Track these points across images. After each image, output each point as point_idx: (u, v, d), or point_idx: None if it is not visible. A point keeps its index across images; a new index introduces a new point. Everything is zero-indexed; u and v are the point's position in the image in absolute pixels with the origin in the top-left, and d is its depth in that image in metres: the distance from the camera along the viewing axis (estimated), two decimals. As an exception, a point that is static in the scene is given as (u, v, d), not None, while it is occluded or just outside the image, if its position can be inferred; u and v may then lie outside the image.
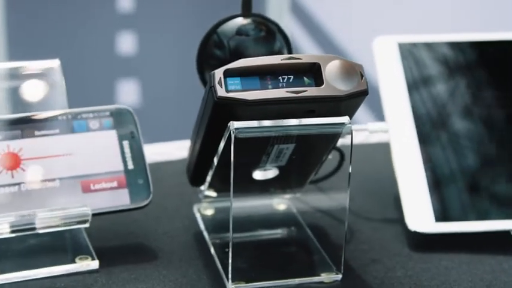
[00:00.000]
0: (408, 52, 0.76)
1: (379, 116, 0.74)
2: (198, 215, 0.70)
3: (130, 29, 2.03)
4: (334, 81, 0.55)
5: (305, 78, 0.56)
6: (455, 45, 0.76)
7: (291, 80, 0.55)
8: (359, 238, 0.67)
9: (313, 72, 0.56)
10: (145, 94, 2.04)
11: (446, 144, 0.70)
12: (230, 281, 0.59)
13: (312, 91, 0.55)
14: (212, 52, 0.66)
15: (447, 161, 0.70)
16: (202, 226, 0.68)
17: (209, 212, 0.70)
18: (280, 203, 0.71)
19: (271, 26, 0.66)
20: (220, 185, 0.65)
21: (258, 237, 0.66)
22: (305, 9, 2.04)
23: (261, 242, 0.66)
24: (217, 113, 0.55)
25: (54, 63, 0.68)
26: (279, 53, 0.66)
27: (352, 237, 0.67)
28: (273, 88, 0.55)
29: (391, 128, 0.71)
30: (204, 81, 0.68)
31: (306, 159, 0.63)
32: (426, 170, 0.68)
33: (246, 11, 0.66)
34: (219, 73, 0.55)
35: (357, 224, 0.68)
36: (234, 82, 0.55)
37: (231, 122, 0.56)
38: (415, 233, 0.65)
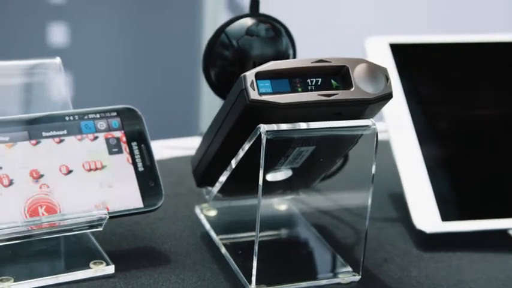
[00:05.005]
0: (400, 52, 0.77)
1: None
2: (201, 216, 0.69)
3: (62, 20, 1.99)
4: (362, 84, 0.56)
5: (332, 81, 0.56)
6: (447, 46, 0.77)
7: (319, 83, 0.55)
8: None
9: (341, 75, 0.56)
10: (77, 87, 2.00)
11: (446, 142, 0.72)
12: (254, 284, 0.58)
13: (342, 94, 0.55)
14: (219, 52, 0.65)
15: (448, 159, 0.71)
16: (208, 227, 0.67)
17: (212, 213, 0.69)
18: (280, 204, 0.71)
19: (277, 26, 0.66)
20: (231, 187, 0.64)
21: (268, 238, 0.66)
22: (242, 6, 2.03)
23: (273, 243, 0.65)
24: (247, 115, 0.55)
25: (55, 61, 0.66)
26: (286, 53, 0.66)
27: (359, 237, 0.67)
28: (302, 91, 0.55)
29: (391, 129, 0.72)
30: (209, 79, 0.67)
31: (321, 162, 0.63)
32: (428, 170, 0.69)
33: (255, 11, 0.66)
34: (250, 76, 0.54)
35: (361, 223, 0.69)
36: (265, 85, 0.54)
37: (260, 124, 0.55)
38: (420, 232, 0.67)
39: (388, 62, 0.76)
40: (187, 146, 0.84)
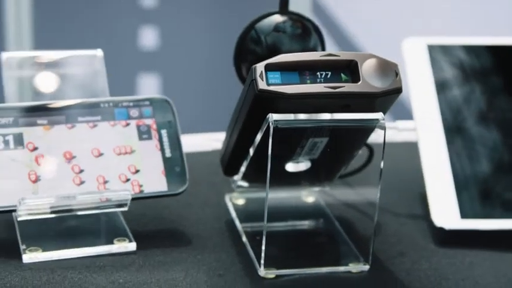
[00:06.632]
0: (437, 54, 0.78)
1: (405, 115, 0.77)
2: (229, 204, 0.72)
3: (153, 23, 2.06)
4: (370, 79, 0.58)
5: (342, 75, 0.58)
6: (484, 48, 0.78)
7: (328, 76, 0.58)
8: (386, 232, 0.69)
9: (350, 69, 0.58)
10: (166, 88, 2.07)
11: (473, 143, 0.73)
12: (262, 266, 0.61)
13: (348, 87, 0.57)
14: (249, 47, 0.68)
15: (474, 159, 0.72)
16: (234, 214, 0.70)
17: (240, 201, 0.72)
18: (308, 196, 0.73)
19: (307, 24, 0.69)
20: (253, 176, 0.67)
21: (288, 227, 0.69)
22: (326, 10, 2.06)
23: (291, 232, 0.68)
24: (257, 105, 0.58)
25: (97, 53, 0.71)
26: (314, 50, 0.68)
27: (380, 231, 0.69)
28: (311, 83, 0.57)
29: (419, 127, 0.73)
30: (240, 74, 0.70)
31: (338, 154, 0.65)
32: (453, 168, 0.70)
33: (283, 9, 0.69)
34: (260, 67, 0.57)
35: (384, 218, 0.71)
36: (274, 76, 0.57)
37: (270, 113, 0.58)
38: (441, 229, 0.68)
39: (424, 63, 0.77)
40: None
